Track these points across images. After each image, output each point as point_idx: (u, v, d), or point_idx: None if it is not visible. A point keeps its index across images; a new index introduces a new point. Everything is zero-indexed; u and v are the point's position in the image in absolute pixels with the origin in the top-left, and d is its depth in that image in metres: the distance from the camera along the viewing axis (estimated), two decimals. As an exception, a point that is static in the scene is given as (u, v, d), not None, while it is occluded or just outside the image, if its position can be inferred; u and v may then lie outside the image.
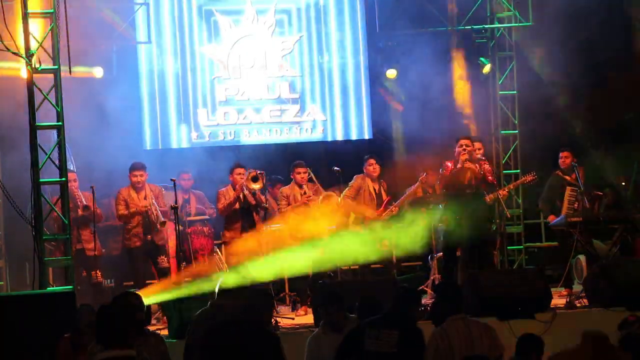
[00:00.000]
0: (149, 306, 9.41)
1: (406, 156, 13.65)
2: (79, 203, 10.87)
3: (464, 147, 10.38)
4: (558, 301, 10.02)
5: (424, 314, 9.13)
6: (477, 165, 10.32)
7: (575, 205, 11.26)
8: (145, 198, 10.88)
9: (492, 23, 13.53)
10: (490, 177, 10.31)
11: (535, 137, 13.35)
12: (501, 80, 13.61)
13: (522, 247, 13.53)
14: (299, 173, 11.10)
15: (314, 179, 11.26)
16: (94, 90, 12.40)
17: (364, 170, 11.44)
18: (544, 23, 13.21)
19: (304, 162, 11.27)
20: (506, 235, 12.60)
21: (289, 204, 11.06)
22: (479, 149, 11.26)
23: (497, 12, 13.50)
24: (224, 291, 7.11)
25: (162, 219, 10.74)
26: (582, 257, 11.77)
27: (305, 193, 11.12)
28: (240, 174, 10.91)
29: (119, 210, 10.90)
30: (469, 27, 13.39)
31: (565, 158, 11.43)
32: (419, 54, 13.09)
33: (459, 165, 10.34)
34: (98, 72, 12.60)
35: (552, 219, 11.44)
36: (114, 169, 11.97)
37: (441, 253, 11.74)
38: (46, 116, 9.51)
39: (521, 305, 9.15)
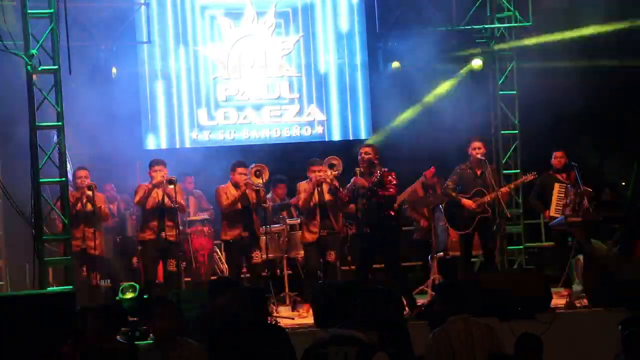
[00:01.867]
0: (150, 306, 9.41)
1: (405, 156, 13.65)
2: (85, 184, 10.77)
3: (362, 154, 10.44)
4: (558, 301, 10.02)
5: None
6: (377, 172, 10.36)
7: (564, 202, 11.28)
8: (163, 196, 10.85)
9: (492, 23, 13.53)
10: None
11: (535, 137, 13.36)
12: (501, 80, 13.61)
13: (522, 247, 13.52)
14: (314, 172, 11.08)
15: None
16: (94, 90, 12.41)
17: None
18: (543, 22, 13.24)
19: (320, 160, 11.24)
20: (506, 235, 12.59)
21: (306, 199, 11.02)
22: (479, 148, 11.28)
23: (497, 12, 13.51)
24: (216, 291, 7.16)
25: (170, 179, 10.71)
26: (582, 257, 11.76)
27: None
28: (242, 173, 10.86)
29: (135, 198, 10.87)
30: (469, 27, 13.39)
31: (560, 158, 11.46)
32: (418, 54, 13.10)
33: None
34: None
35: (547, 214, 11.48)
36: (115, 169, 12.00)
37: (441, 253, 11.79)
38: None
39: (521, 305, 9.15)
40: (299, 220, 11.32)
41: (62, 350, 6.81)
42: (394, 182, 10.41)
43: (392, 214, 10.53)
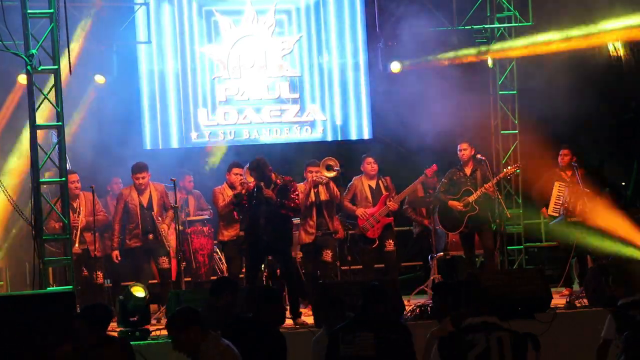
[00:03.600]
0: (148, 306, 9.42)
1: (406, 156, 13.65)
2: (74, 187, 10.76)
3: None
4: (558, 301, 10.02)
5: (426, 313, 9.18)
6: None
7: (562, 201, 11.31)
8: (149, 198, 10.89)
9: (492, 23, 13.53)
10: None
11: (535, 137, 13.35)
12: (501, 81, 13.61)
13: (522, 247, 13.52)
14: (311, 172, 11.10)
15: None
16: (94, 90, 12.42)
17: (361, 169, 11.49)
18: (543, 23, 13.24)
19: (317, 161, 11.24)
20: (506, 235, 12.58)
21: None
22: (465, 150, 11.33)
23: (497, 12, 13.50)
24: (216, 291, 7.17)
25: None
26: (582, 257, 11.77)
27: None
28: (237, 173, 10.88)
29: (117, 214, 10.92)
30: (469, 27, 13.39)
31: (564, 156, 11.51)
32: (419, 54, 13.09)
33: None
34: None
35: (544, 212, 11.51)
36: (115, 169, 12.00)
37: (441, 253, 11.79)
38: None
39: (521, 305, 9.15)
40: (298, 220, 11.33)
41: (61, 349, 6.81)
42: (297, 192, 10.24)
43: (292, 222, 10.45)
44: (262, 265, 10.62)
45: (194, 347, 5.65)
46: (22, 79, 11.00)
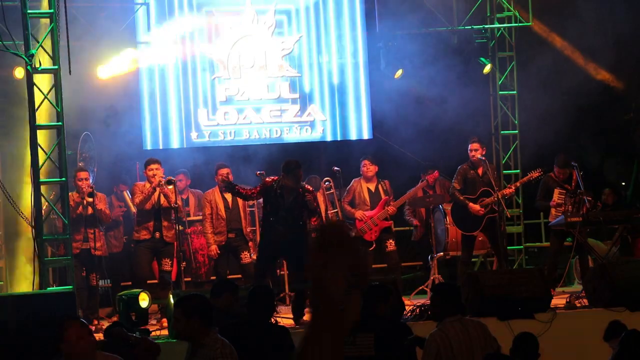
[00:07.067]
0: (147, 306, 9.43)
1: (405, 156, 13.65)
2: (84, 190, 10.76)
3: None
4: (558, 301, 10.02)
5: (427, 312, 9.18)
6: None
7: (563, 208, 11.30)
8: (158, 196, 10.92)
9: (492, 23, 13.53)
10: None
11: (535, 137, 13.36)
12: (501, 81, 13.61)
13: (522, 247, 13.53)
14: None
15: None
16: (94, 89, 12.41)
17: (360, 172, 11.52)
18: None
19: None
20: (506, 235, 12.59)
21: None
22: (476, 150, 11.29)
23: (497, 12, 13.51)
24: (217, 292, 7.19)
25: (168, 179, 10.75)
26: (582, 257, 11.77)
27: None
28: (222, 174, 11.00)
29: (135, 200, 10.91)
30: (469, 27, 13.39)
31: (560, 175, 11.51)
32: (419, 54, 13.09)
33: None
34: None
35: (554, 203, 11.49)
36: (114, 169, 12.01)
37: (441, 253, 11.79)
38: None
39: (521, 305, 9.16)
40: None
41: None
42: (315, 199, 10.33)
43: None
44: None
45: (196, 334, 5.60)
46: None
